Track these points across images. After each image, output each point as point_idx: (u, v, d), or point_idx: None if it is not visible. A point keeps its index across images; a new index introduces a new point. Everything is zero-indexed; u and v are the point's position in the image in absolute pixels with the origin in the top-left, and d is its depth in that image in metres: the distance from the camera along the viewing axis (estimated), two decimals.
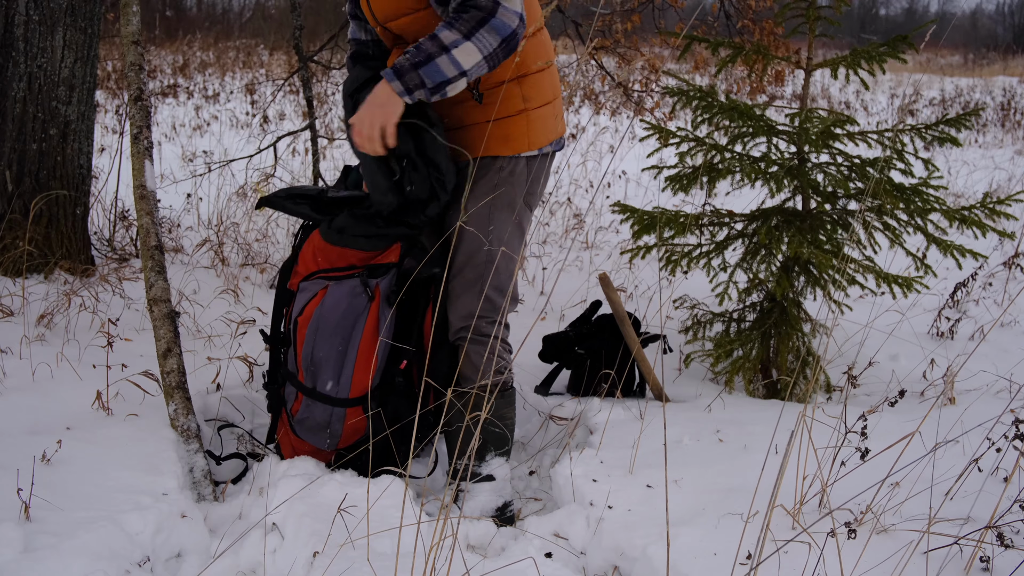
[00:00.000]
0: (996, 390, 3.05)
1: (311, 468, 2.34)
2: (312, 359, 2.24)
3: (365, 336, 2.20)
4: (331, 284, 2.22)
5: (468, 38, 1.93)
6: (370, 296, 2.18)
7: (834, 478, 2.03)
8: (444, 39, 1.94)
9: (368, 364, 2.20)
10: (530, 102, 2.15)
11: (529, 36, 2.05)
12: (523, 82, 2.13)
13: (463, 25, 1.93)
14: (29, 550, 1.79)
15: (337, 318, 2.20)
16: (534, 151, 2.20)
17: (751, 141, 3.07)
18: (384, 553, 1.92)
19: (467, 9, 1.93)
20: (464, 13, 1.93)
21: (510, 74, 2.10)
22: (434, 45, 1.94)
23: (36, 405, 2.49)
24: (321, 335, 2.21)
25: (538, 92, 2.16)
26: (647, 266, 4.51)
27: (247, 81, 12.38)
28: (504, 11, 1.93)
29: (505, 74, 2.09)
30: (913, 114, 11.38)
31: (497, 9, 1.92)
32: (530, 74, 2.14)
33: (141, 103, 2.71)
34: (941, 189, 2.91)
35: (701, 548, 1.95)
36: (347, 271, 2.24)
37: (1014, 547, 1.86)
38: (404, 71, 1.96)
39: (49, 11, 3.54)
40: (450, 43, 1.93)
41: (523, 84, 2.13)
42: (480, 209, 2.16)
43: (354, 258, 2.24)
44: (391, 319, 2.21)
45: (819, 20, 2.91)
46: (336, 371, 2.23)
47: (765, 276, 3.12)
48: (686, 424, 2.68)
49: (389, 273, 2.22)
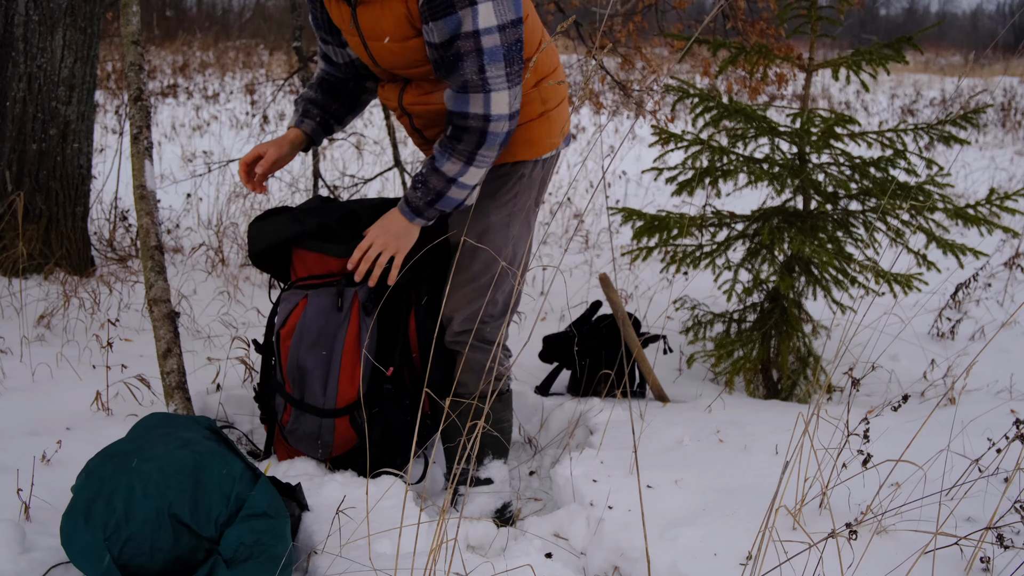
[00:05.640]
0: (996, 390, 3.05)
1: (311, 469, 2.34)
2: (298, 370, 2.21)
3: (347, 345, 2.17)
4: (310, 294, 2.19)
5: (470, 164, 1.97)
6: (348, 305, 2.16)
7: (835, 480, 2.03)
8: (448, 172, 1.97)
9: (352, 374, 2.17)
10: (548, 103, 2.15)
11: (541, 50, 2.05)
12: (541, 86, 2.13)
13: (461, 154, 1.95)
14: (29, 550, 1.79)
15: (319, 329, 2.17)
16: (553, 151, 2.21)
17: (753, 142, 3.07)
18: (384, 554, 1.91)
19: (460, 130, 1.94)
20: (459, 141, 1.95)
21: (531, 83, 2.10)
22: (440, 181, 1.98)
23: (36, 405, 2.49)
24: (304, 346, 2.18)
25: (554, 92, 2.17)
26: (647, 267, 4.51)
27: (247, 81, 12.38)
28: (495, 123, 1.94)
29: (527, 87, 2.09)
30: (913, 114, 11.37)
31: (489, 125, 1.93)
32: (546, 77, 2.14)
33: (141, 103, 2.71)
34: (947, 188, 2.91)
35: (701, 548, 1.95)
36: (326, 278, 2.20)
37: (1014, 547, 1.86)
38: (422, 209, 2.03)
39: (49, 11, 3.54)
40: (455, 175, 1.97)
41: (541, 88, 2.13)
42: (501, 216, 2.15)
43: (335, 265, 2.19)
44: (373, 327, 2.18)
45: (820, 20, 2.90)
46: (323, 382, 2.20)
47: (767, 276, 3.12)
48: (686, 424, 2.68)
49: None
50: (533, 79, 2.10)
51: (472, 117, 1.93)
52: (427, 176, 1.99)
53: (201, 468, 1.74)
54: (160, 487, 1.68)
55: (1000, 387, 3.07)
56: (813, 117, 2.93)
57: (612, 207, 3.34)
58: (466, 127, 1.94)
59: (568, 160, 7.67)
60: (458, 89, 1.92)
